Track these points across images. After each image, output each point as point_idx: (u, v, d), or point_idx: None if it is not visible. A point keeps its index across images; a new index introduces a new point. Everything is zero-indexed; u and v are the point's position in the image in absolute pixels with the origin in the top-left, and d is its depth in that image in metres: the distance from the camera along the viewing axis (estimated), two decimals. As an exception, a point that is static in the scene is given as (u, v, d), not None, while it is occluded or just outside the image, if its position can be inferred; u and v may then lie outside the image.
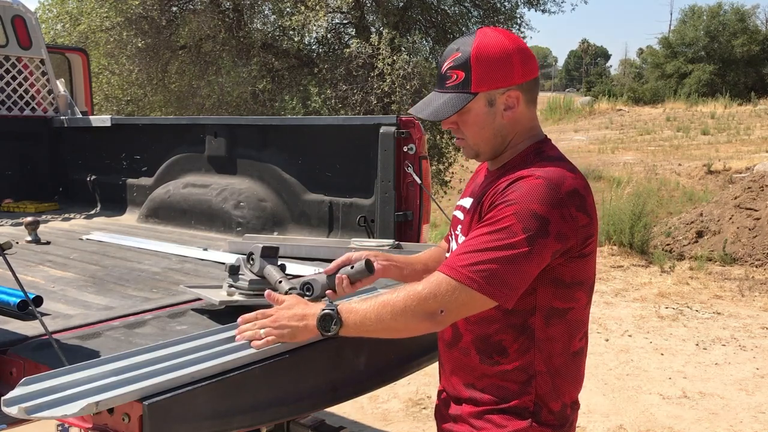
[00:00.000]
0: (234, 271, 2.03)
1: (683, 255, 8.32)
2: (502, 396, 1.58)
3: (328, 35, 13.14)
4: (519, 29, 13.52)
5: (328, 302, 1.61)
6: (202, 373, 1.50)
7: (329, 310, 1.55)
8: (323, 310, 1.55)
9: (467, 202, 1.69)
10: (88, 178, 4.43)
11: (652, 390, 4.68)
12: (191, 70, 13.18)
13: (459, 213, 1.72)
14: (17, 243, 3.17)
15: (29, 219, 3.29)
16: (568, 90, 70.30)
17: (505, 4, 13.65)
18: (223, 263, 2.45)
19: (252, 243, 2.65)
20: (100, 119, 4.32)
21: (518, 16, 13.68)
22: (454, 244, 1.70)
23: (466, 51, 1.55)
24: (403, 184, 2.96)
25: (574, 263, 1.53)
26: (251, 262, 2.03)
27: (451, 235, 1.75)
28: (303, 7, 11.63)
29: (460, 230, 1.68)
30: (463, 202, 1.71)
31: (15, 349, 1.70)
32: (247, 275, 2.02)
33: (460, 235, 1.67)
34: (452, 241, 1.74)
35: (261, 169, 3.48)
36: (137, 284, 2.47)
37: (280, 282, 1.94)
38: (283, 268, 2.04)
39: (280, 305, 1.65)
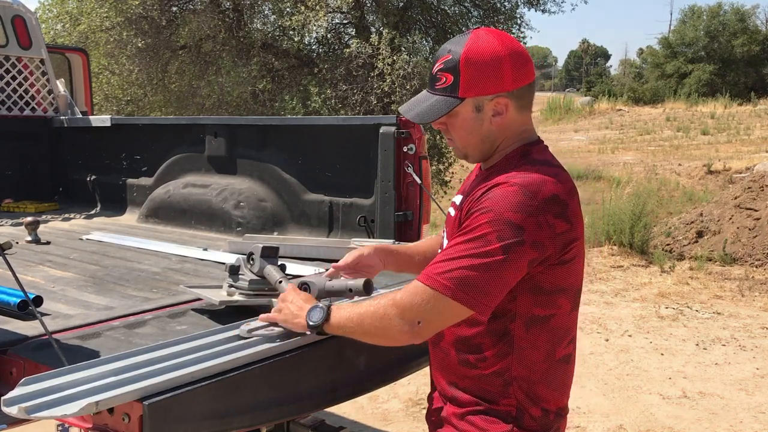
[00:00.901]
0: (234, 271, 2.03)
1: (683, 255, 8.31)
2: (483, 397, 1.57)
3: (328, 35, 13.14)
4: (519, 29, 13.55)
5: (328, 300, 1.65)
6: (202, 373, 1.50)
7: (322, 305, 1.60)
8: (317, 305, 1.62)
9: (459, 199, 1.69)
10: (88, 178, 4.43)
11: (652, 390, 4.67)
12: (191, 70, 13.18)
13: (451, 209, 1.72)
14: (17, 243, 3.17)
15: (29, 219, 3.30)
16: (568, 90, 70.24)
17: (505, 4, 13.68)
18: (223, 263, 2.45)
19: (252, 243, 2.65)
20: (100, 119, 4.32)
21: (518, 16, 13.71)
22: (445, 241, 1.71)
23: (457, 54, 1.53)
24: (403, 184, 2.96)
25: (555, 270, 1.51)
26: (251, 262, 2.03)
27: (444, 231, 1.76)
28: (303, 7, 11.64)
29: (447, 226, 1.69)
30: (456, 199, 1.71)
31: (15, 349, 1.70)
32: (247, 275, 2.01)
33: (446, 231, 1.69)
34: (444, 238, 1.74)
35: (261, 169, 3.48)
36: (137, 284, 2.47)
37: (280, 282, 1.94)
38: (283, 268, 2.04)
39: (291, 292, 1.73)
